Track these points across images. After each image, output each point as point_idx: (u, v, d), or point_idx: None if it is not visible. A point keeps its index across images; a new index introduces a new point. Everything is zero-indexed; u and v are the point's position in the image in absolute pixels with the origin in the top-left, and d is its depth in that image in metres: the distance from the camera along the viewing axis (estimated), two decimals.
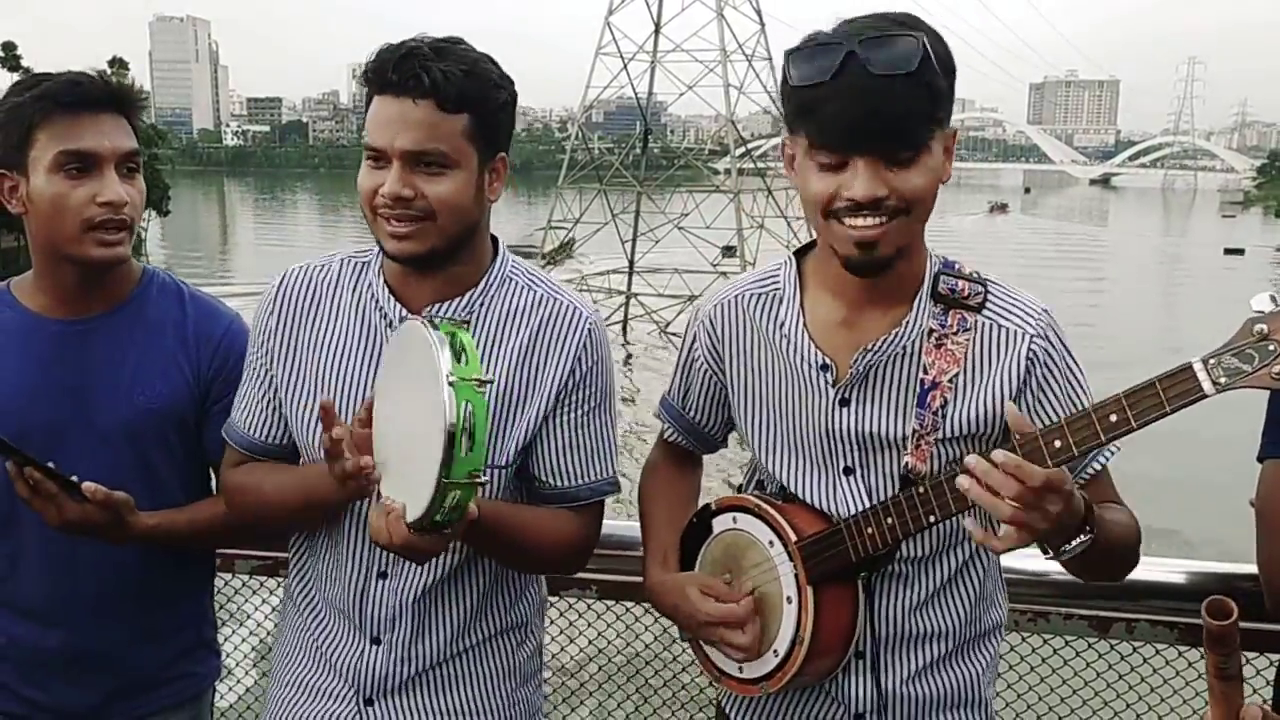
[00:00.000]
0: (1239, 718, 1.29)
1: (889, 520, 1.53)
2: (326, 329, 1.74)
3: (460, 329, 1.44)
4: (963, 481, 1.35)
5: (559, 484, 1.74)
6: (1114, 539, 1.50)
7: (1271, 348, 1.19)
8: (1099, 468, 1.61)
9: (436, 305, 1.69)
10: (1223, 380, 1.22)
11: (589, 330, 1.73)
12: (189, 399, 1.93)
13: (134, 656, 1.96)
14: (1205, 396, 1.22)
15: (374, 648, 1.75)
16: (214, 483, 2.04)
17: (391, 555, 1.63)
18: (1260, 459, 1.83)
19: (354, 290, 1.74)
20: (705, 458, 1.96)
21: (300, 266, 1.80)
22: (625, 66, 42.93)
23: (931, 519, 1.49)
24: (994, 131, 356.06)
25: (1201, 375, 1.23)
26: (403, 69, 1.53)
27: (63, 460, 1.75)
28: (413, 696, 1.77)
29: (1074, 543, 1.39)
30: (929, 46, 1.40)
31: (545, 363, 1.71)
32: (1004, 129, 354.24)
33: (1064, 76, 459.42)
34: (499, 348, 1.70)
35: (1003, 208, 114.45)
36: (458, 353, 1.40)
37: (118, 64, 59.49)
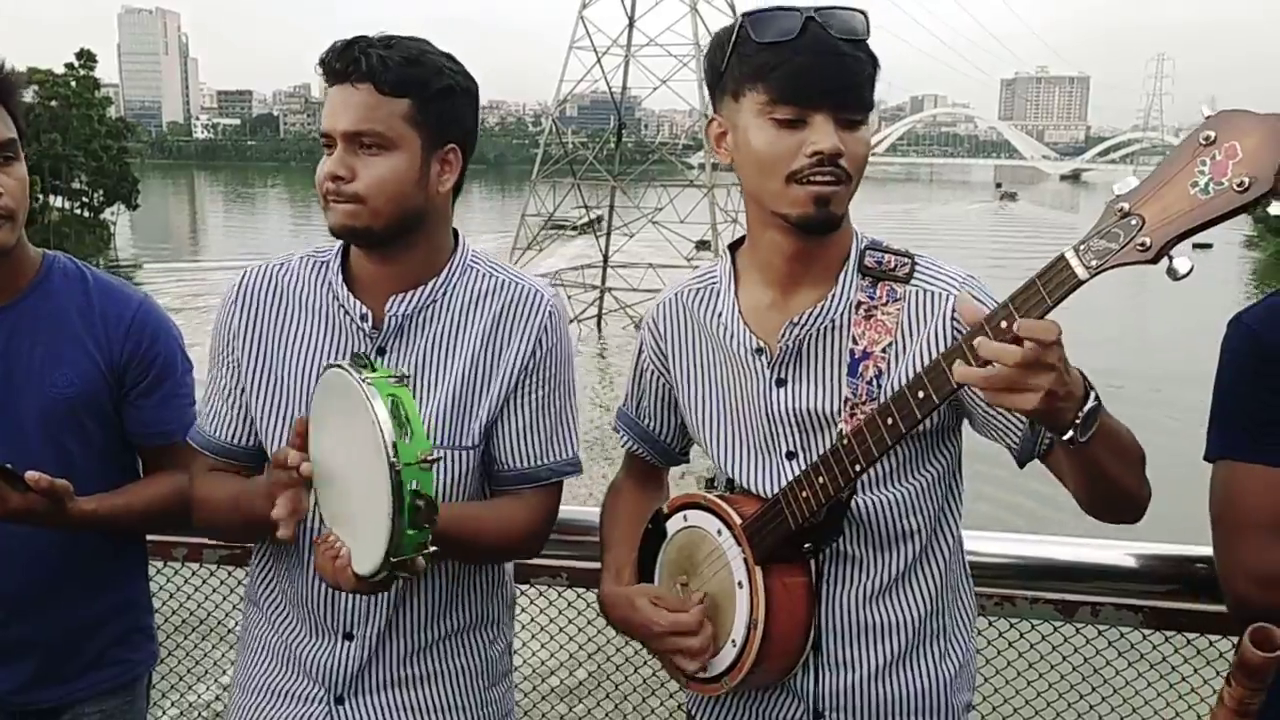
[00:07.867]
0: None
1: (820, 480, 1.52)
2: (293, 328, 1.75)
3: (400, 389, 1.41)
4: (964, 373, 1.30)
5: (520, 465, 1.75)
6: (1119, 432, 1.44)
7: (1134, 222, 1.21)
8: None
9: (396, 299, 1.69)
10: (1094, 263, 1.23)
11: (549, 312, 1.75)
12: (103, 384, 1.90)
13: (60, 644, 1.94)
14: (1081, 282, 1.24)
15: (347, 643, 1.74)
16: (140, 466, 2.03)
17: None
18: (1208, 458, 1.74)
19: (315, 288, 1.75)
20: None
21: (260, 266, 1.80)
22: (599, 60, 42.83)
23: (858, 467, 1.48)
24: (965, 127, 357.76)
25: (1074, 261, 1.24)
26: (345, 56, 1.60)
27: None
28: (384, 694, 1.75)
29: (1085, 409, 1.32)
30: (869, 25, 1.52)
31: (508, 343, 1.72)
32: (975, 125, 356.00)
33: (1035, 73, 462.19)
34: (463, 332, 1.71)
35: (1012, 196, 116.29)
36: (401, 424, 1.37)
37: (85, 56, 58.96)
